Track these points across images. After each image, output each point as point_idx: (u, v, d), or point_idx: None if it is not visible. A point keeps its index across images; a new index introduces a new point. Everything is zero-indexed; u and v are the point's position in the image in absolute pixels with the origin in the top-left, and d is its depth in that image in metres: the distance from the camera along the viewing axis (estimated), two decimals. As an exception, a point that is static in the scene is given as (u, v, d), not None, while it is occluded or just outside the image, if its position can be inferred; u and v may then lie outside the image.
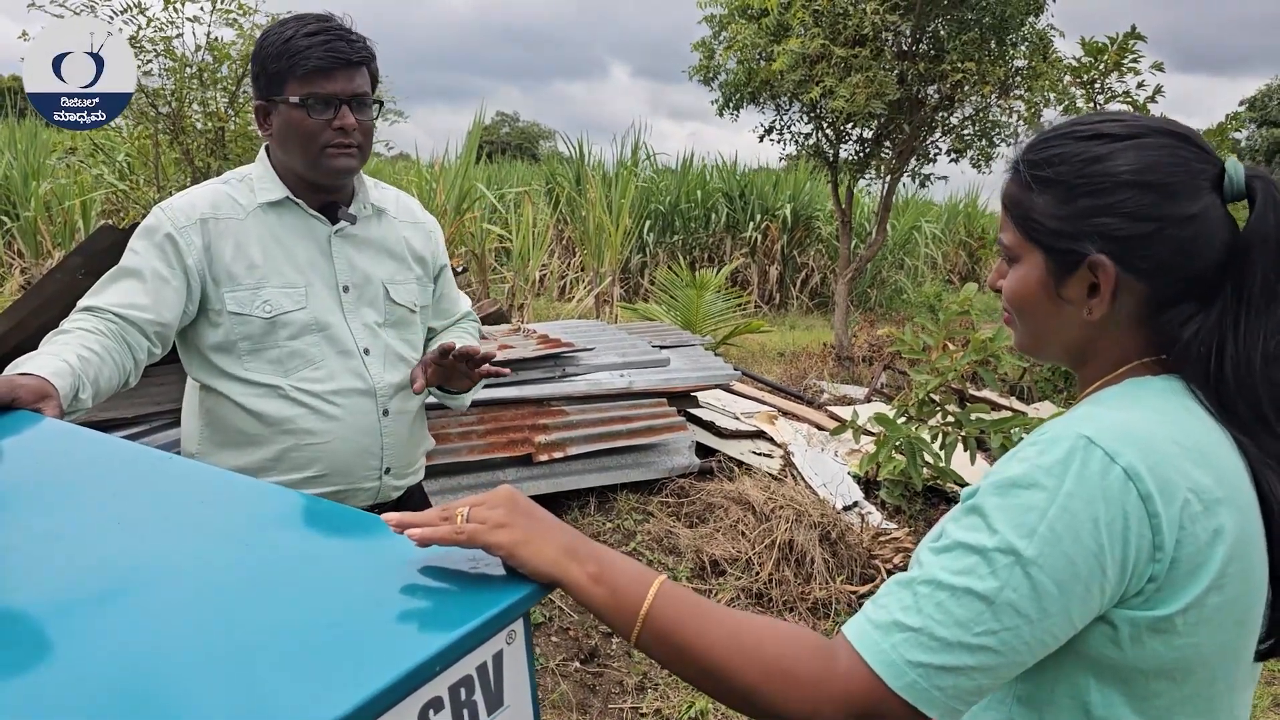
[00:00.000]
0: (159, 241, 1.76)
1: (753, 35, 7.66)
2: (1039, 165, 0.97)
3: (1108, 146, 0.94)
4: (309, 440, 1.85)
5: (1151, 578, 0.85)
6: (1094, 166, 0.94)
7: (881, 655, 0.84)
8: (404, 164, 14.63)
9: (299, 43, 1.75)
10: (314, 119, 1.77)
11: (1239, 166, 0.93)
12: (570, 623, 3.41)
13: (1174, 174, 0.91)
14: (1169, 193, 0.91)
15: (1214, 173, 0.93)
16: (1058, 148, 0.97)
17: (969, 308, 4.84)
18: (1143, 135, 0.94)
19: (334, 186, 1.89)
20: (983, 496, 0.88)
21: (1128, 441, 0.86)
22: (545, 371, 4.47)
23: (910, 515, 4.56)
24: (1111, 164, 0.93)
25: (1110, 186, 0.92)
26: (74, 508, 1.02)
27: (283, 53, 1.76)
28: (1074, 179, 0.94)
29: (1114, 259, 0.93)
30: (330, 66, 1.76)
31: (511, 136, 43.13)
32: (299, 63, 1.75)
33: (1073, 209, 0.94)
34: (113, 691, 0.70)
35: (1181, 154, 0.92)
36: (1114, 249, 0.93)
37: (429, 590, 0.86)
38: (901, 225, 15.15)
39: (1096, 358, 1.00)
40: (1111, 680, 0.90)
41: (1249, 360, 0.91)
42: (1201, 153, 0.93)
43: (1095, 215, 0.93)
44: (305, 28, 1.77)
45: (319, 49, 1.75)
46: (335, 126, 1.78)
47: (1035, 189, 0.97)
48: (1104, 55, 7.10)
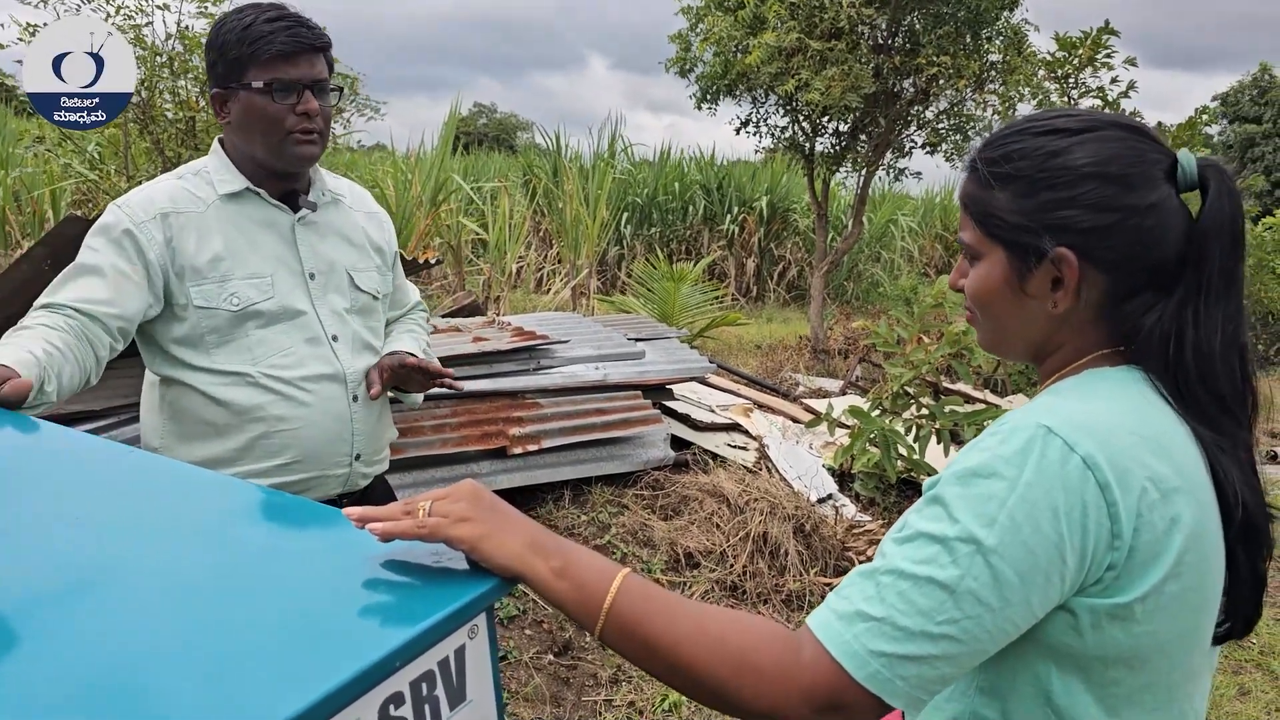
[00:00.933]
0: (117, 238, 1.73)
1: (729, 28, 7.67)
2: (997, 162, 0.98)
3: (1066, 140, 0.95)
4: (280, 427, 1.83)
5: (1110, 565, 0.86)
6: (1054, 160, 0.94)
7: (844, 646, 0.84)
8: (380, 155, 14.54)
9: (260, 28, 1.74)
10: (278, 104, 1.77)
11: (1190, 157, 0.95)
12: (544, 616, 3.40)
13: (1133, 165, 0.93)
14: (1128, 183, 0.92)
15: (1167, 163, 0.95)
16: (1015, 144, 0.97)
17: (943, 301, 4.87)
18: (1099, 128, 0.95)
19: (295, 174, 1.88)
20: (944, 486, 0.89)
21: (1086, 431, 0.87)
22: (520, 364, 4.45)
23: (884, 508, 4.58)
24: (1071, 157, 0.94)
25: (1071, 179, 0.93)
26: (31, 503, 1.01)
27: (243, 39, 1.74)
28: (1034, 173, 0.95)
29: (1077, 251, 0.94)
30: (293, 51, 1.75)
31: (489, 128, 42.92)
32: (261, 48, 1.73)
33: (1034, 203, 0.95)
34: (70, 689, 0.69)
35: (1137, 145, 0.94)
36: (1077, 241, 0.94)
37: (390, 585, 0.85)
38: (878, 218, 15.22)
39: (1059, 350, 1.02)
40: (1071, 668, 0.91)
41: (1209, 346, 0.92)
42: (1154, 144, 0.95)
43: (1057, 209, 0.94)
44: (264, 14, 1.75)
45: (281, 34, 1.74)
46: (299, 111, 1.78)
47: (995, 186, 0.98)
48: (1078, 50, 7.15)
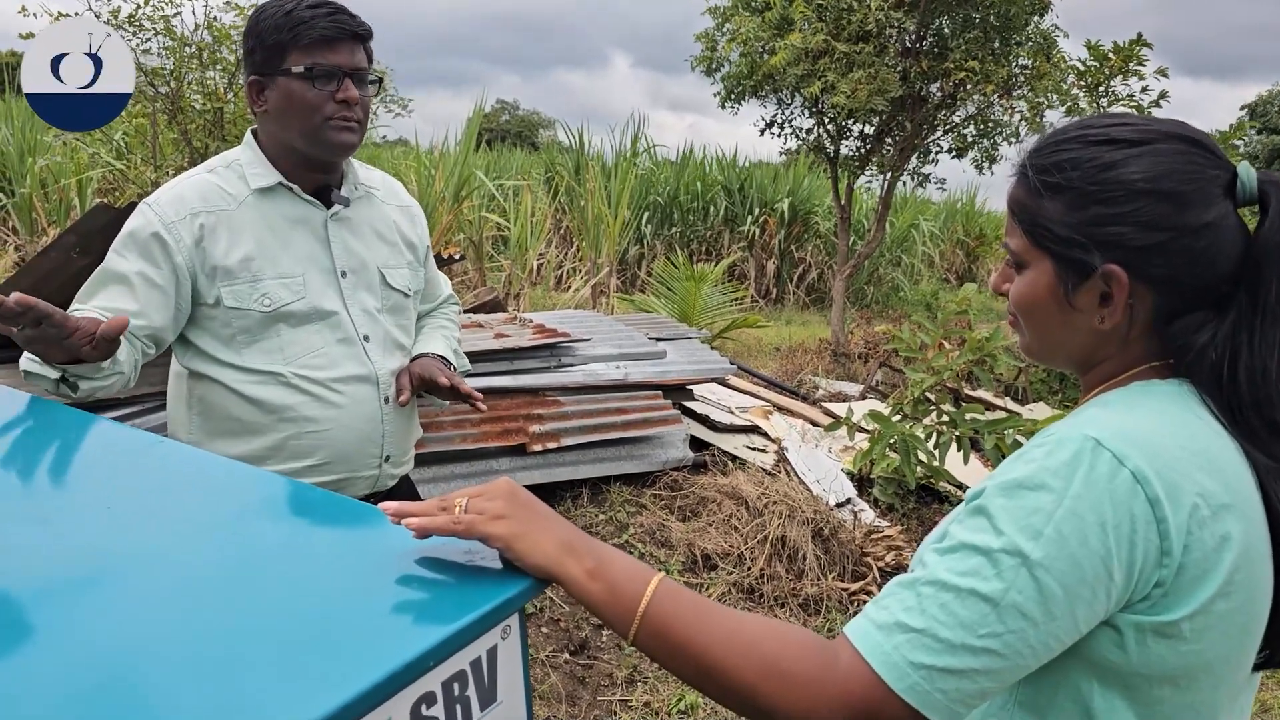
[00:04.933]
0: (144, 241, 1.71)
1: (756, 28, 7.64)
2: (1048, 170, 0.95)
3: (1121, 152, 0.91)
4: (311, 428, 1.81)
5: (1158, 583, 0.84)
6: (1107, 173, 0.91)
7: (884, 656, 0.83)
8: (403, 150, 14.58)
9: (302, 13, 1.72)
10: (318, 90, 1.73)
11: (1251, 171, 0.91)
12: (561, 614, 3.40)
13: (1188, 181, 0.89)
14: (1183, 201, 0.89)
15: (1226, 178, 0.91)
16: (1068, 152, 0.94)
17: (967, 307, 4.84)
18: (1156, 141, 0.91)
19: (330, 166, 1.85)
20: (988, 497, 0.87)
21: (1136, 444, 0.85)
22: (541, 361, 4.45)
23: (903, 514, 4.55)
24: (1125, 171, 0.90)
25: (1124, 195, 0.90)
26: (66, 493, 1.01)
27: (284, 24, 1.71)
28: (1086, 185, 0.92)
29: (1127, 268, 0.91)
30: (336, 36, 1.73)
31: (511, 125, 43.02)
32: (303, 32, 1.71)
33: (1084, 216, 0.92)
34: (98, 680, 0.69)
35: (1195, 160, 0.90)
36: (1127, 258, 0.91)
37: (425, 583, 0.85)
38: (900, 223, 15.14)
39: (1105, 363, 0.99)
40: (1115, 685, 0.89)
41: (1264, 369, 0.90)
42: (1214, 158, 0.91)
43: (1108, 224, 0.91)
44: (306, 1, 1.73)
45: (323, 19, 1.72)
46: (339, 99, 1.74)
47: (1044, 194, 0.95)
48: (1110, 61, 7.08)
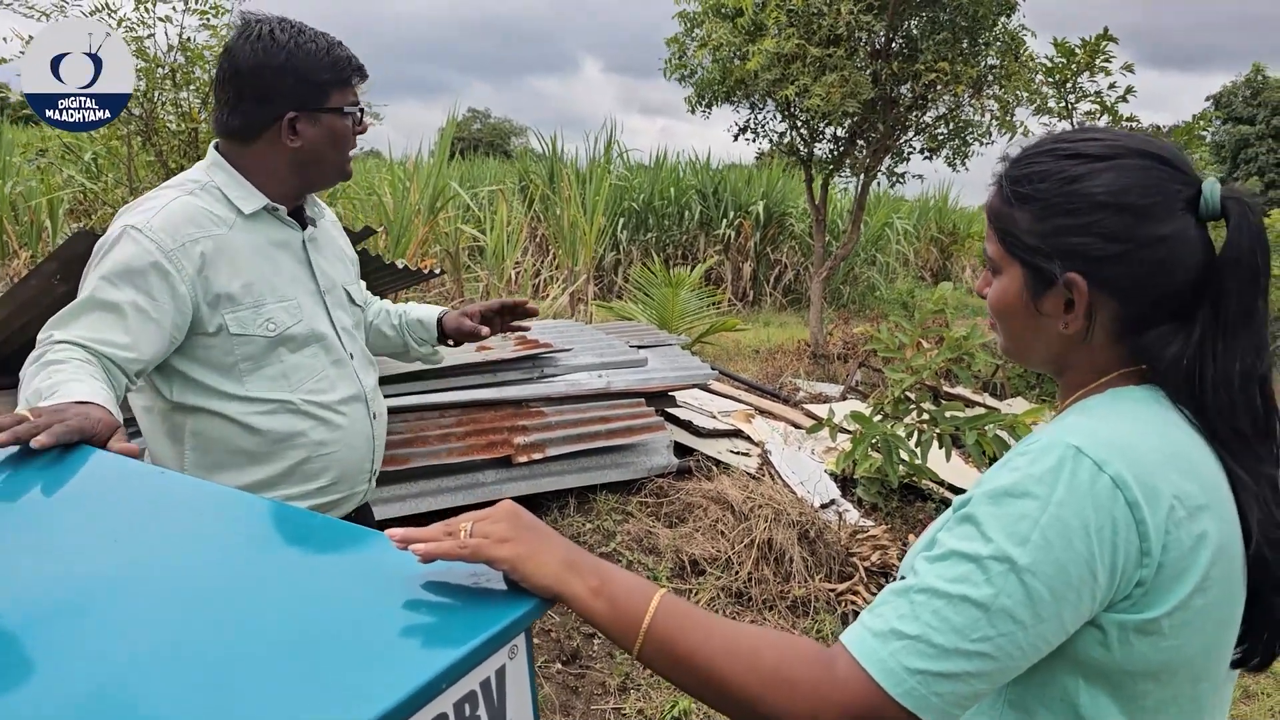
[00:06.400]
0: (141, 270, 1.62)
1: (727, 34, 7.69)
2: (1020, 181, 1.00)
3: (1086, 166, 0.96)
4: (321, 451, 1.82)
5: (1139, 582, 0.88)
6: (1071, 186, 0.96)
7: (880, 663, 0.86)
8: (375, 162, 14.53)
9: (339, 52, 1.77)
10: (353, 127, 1.82)
11: (1215, 188, 0.95)
12: (552, 624, 3.41)
13: (1148, 195, 0.94)
14: (1142, 214, 0.93)
15: (1189, 193, 0.95)
16: (1039, 164, 0.99)
17: (943, 306, 4.90)
18: (1121, 156, 0.95)
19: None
20: (976, 506, 0.90)
21: (1115, 451, 0.89)
22: (523, 373, 4.46)
23: (887, 512, 4.60)
24: (1088, 184, 0.95)
25: (1086, 207, 0.95)
26: (70, 523, 1.02)
27: (329, 63, 1.75)
28: (1052, 197, 0.97)
29: (1087, 277, 0.96)
30: (361, 76, 1.82)
31: (483, 133, 42.94)
32: (346, 72, 1.77)
33: (1049, 226, 0.97)
34: (107, 706, 0.70)
35: (1157, 175, 0.94)
36: (1087, 268, 0.96)
37: (434, 606, 0.87)
38: (874, 222, 15.25)
39: (1076, 367, 1.04)
40: (1099, 682, 0.92)
41: (1227, 378, 0.94)
42: (1177, 173, 0.95)
43: (1070, 234, 0.96)
44: (325, 38, 1.77)
45: (353, 60, 1.80)
46: (357, 133, 1.85)
47: (1015, 204, 1.00)
48: (1076, 57, 7.18)
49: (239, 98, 1.75)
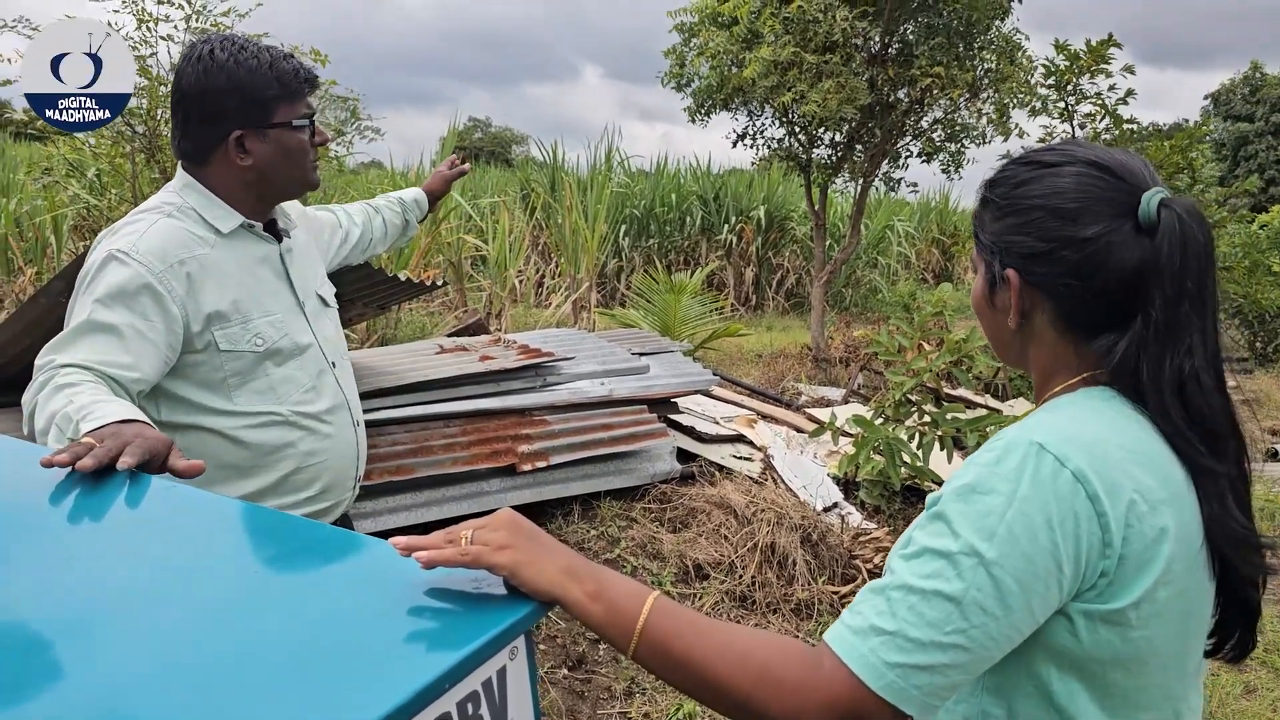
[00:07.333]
0: (133, 293, 1.63)
1: (724, 43, 7.74)
2: (988, 185, 1.10)
3: (1035, 172, 1.04)
4: (310, 462, 1.85)
5: (1103, 573, 0.92)
6: (1018, 190, 1.04)
7: (861, 658, 0.90)
8: (377, 173, 14.56)
9: (282, 65, 1.76)
10: (304, 136, 1.81)
11: (1152, 198, 0.98)
12: (558, 630, 3.45)
13: (1077, 200, 1.00)
14: (1070, 217, 0.99)
15: (1124, 200, 0.99)
16: (1005, 170, 1.09)
17: (943, 308, 4.93)
18: (1067, 164, 1.02)
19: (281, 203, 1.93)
20: (945, 503, 0.95)
21: (1076, 446, 0.93)
22: (526, 381, 4.50)
23: (889, 515, 4.63)
24: (1031, 188, 1.03)
25: (1025, 209, 1.03)
26: (73, 537, 1.06)
27: (272, 78, 1.74)
28: (1002, 200, 1.06)
29: (1021, 274, 1.04)
30: (312, 86, 1.82)
31: (484, 142, 43.02)
32: (292, 85, 1.76)
33: (999, 227, 1.06)
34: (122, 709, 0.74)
35: (1090, 182, 1.00)
36: (1021, 265, 1.04)
37: (436, 610, 0.91)
38: (875, 225, 15.29)
39: (1038, 365, 1.10)
40: (1071, 670, 0.97)
41: (1162, 383, 0.97)
42: (1120, 182, 1.00)
43: (1012, 233, 1.04)
44: (269, 52, 1.76)
45: (301, 70, 1.78)
46: (314, 143, 1.85)
47: (982, 207, 1.10)
48: (1079, 61, 7.19)
49: (186, 120, 1.76)
